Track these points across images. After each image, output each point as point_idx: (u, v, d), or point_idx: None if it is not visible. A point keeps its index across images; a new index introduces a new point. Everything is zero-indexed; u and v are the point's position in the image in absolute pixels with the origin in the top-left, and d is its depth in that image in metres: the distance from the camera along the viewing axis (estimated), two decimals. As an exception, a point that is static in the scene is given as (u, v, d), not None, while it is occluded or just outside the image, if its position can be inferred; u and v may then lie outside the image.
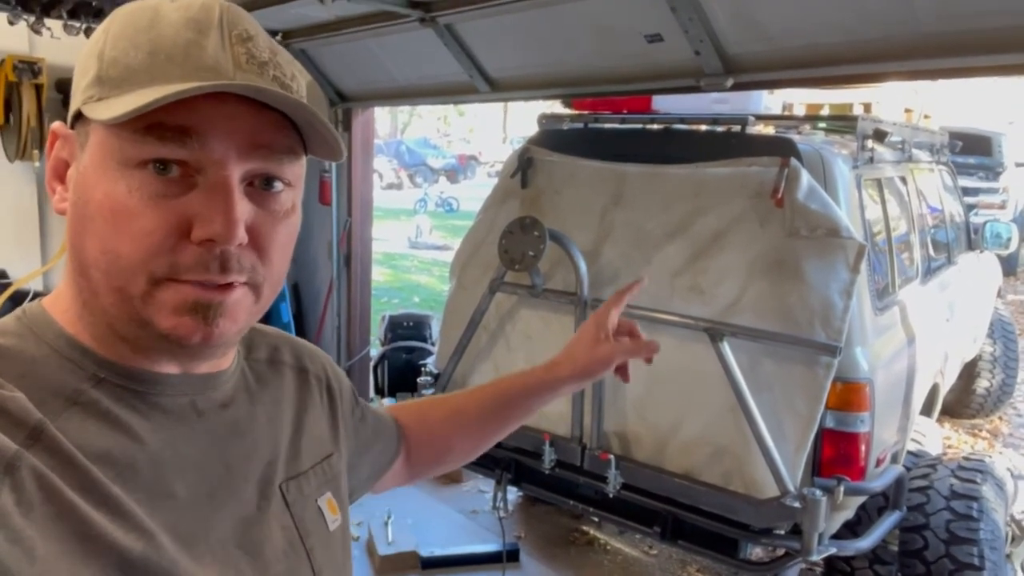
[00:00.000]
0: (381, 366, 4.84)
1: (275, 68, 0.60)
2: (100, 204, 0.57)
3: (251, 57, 0.58)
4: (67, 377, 0.59)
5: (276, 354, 0.80)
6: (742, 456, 2.25)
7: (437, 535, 3.49)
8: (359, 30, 3.29)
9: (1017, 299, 8.42)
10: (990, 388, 4.97)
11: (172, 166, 0.57)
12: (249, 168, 0.59)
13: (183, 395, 0.64)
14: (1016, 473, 2.84)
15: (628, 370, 1.07)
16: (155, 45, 0.57)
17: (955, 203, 4.20)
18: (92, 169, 0.58)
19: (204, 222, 0.57)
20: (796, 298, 2.20)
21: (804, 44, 2.15)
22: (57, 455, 0.54)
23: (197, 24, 0.58)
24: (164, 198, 0.57)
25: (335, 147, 0.63)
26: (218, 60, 0.57)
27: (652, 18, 2.35)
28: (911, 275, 3.06)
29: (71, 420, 0.57)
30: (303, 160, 0.64)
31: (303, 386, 0.80)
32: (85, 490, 0.54)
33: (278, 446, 0.72)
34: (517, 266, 2.50)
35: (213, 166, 0.57)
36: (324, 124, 0.60)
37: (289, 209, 0.63)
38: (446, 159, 23.71)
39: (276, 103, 0.58)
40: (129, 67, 0.57)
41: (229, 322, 0.60)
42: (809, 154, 2.39)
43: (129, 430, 0.60)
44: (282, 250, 0.63)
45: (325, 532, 0.74)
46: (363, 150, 4.31)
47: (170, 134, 0.56)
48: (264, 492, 0.69)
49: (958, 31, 1.83)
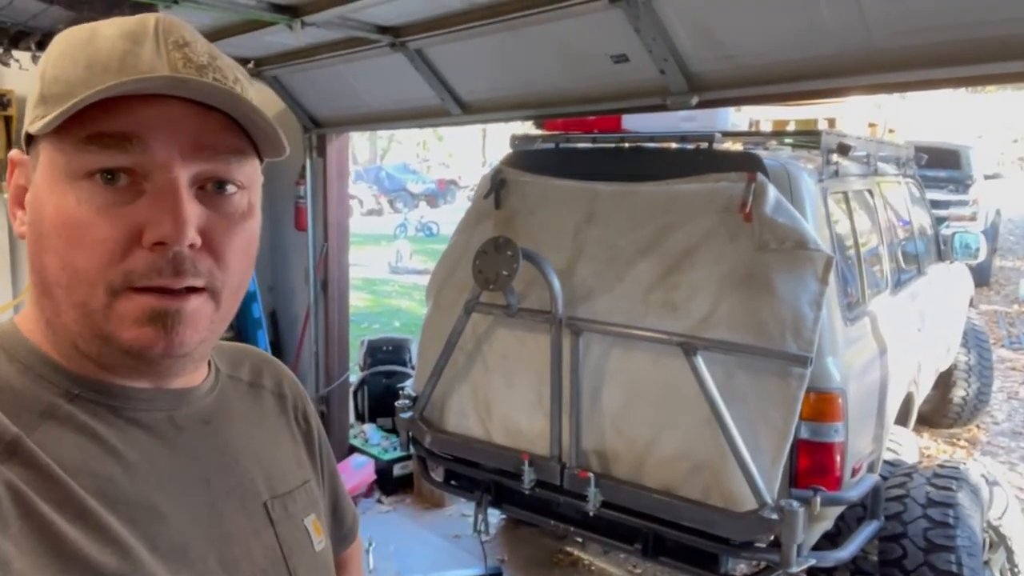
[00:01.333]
0: (361, 391, 4.80)
1: (215, 72, 0.60)
2: (53, 219, 0.58)
3: (188, 61, 0.59)
4: (41, 393, 0.59)
5: (258, 377, 0.80)
6: (720, 470, 2.26)
7: (419, 561, 3.45)
8: (330, 56, 3.31)
9: (991, 309, 8.55)
10: (966, 397, 5.03)
11: (119, 175, 0.57)
12: (196, 171, 0.60)
13: (159, 410, 0.64)
14: (991, 479, 2.86)
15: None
16: (92, 59, 0.58)
17: (924, 215, 4.28)
18: (43, 186, 0.59)
19: (154, 225, 0.57)
20: (767, 311, 2.23)
21: (764, 62, 2.20)
22: (33, 469, 0.54)
23: (132, 35, 0.59)
24: (114, 206, 0.57)
25: (277, 143, 0.64)
26: (154, 66, 0.58)
27: (617, 39, 2.40)
28: (881, 286, 3.11)
29: (47, 434, 0.57)
30: (255, 162, 0.65)
31: (282, 412, 0.81)
32: (62, 504, 0.54)
33: (261, 464, 0.72)
34: (492, 286, 2.51)
35: (158, 170, 0.58)
36: (262, 116, 0.60)
37: (245, 211, 0.63)
38: (426, 184, 23.78)
39: (205, 96, 0.59)
40: (68, 82, 0.58)
41: (190, 330, 0.60)
42: (775, 169, 2.43)
43: (106, 444, 0.60)
44: (240, 254, 0.63)
45: (311, 552, 0.73)
46: (338, 175, 4.31)
47: (111, 141, 0.56)
48: (247, 509, 0.68)
49: (910, 46, 1.88)
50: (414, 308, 9.69)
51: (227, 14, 2.75)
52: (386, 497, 4.17)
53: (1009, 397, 6.11)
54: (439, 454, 2.97)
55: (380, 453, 4.29)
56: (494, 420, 2.77)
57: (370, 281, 11.32)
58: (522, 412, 2.69)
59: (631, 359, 2.45)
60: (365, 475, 4.08)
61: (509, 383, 2.74)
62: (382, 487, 4.20)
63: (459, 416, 2.88)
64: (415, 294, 10.48)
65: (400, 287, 11.26)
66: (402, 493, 4.21)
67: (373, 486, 4.17)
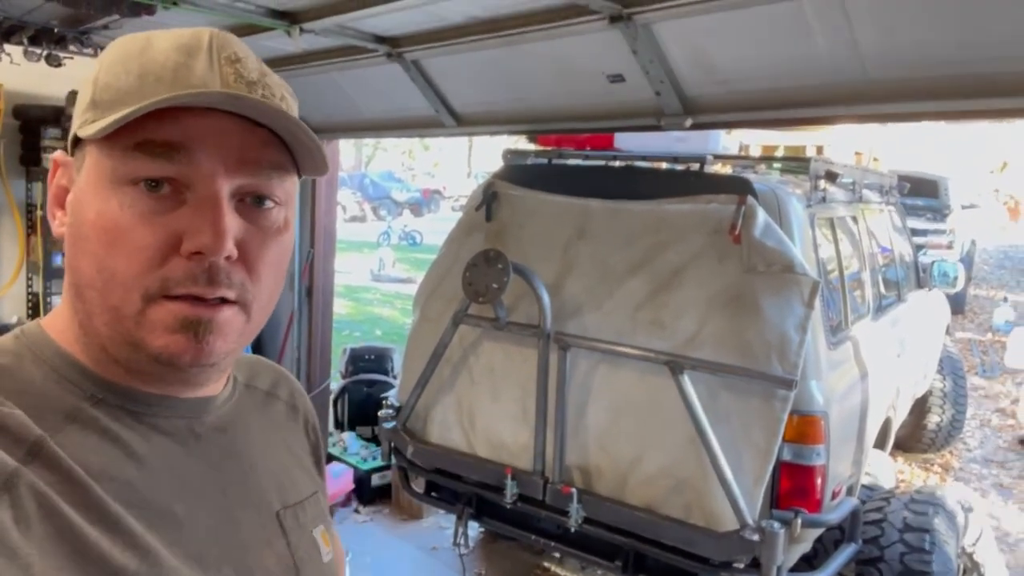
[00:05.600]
0: (341, 399, 4.77)
1: (264, 88, 0.62)
2: (93, 223, 0.59)
3: (239, 76, 0.61)
4: (66, 395, 0.60)
5: (275, 388, 0.81)
6: (702, 489, 2.27)
7: (396, 573, 3.43)
8: (326, 63, 3.31)
9: (965, 336, 8.69)
10: (940, 423, 5.10)
11: (163, 184, 0.58)
12: (238, 184, 0.60)
13: (180, 417, 0.65)
14: (966, 506, 2.91)
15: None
16: (145, 68, 0.59)
17: (904, 242, 4.35)
18: (87, 190, 0.60)
19: (193, 235, 0.58)
20: (753, 332, 2.25)
21: (758, 88, 2.23)
22: (56, 471, 0.54)
23: (187, 48, 0.60)
24: (155, 214, 0.58)
25: (320, 161, 0.65)
26: (205, 80, 0.59)
27: (614, 59, 2.42)
28: (863, 311, 3.15)
29: (70, 436, 0.57)
30: (294, 178, 0.66)
31: (294, 423, 0.82)
32: (84, 507, 0.54)
33: (273, 474, 0.73)
34: (481, 299, 2.51)
35: (202, 181, 0.59)
36: (307, 134, 0.62)
37: (281, 227, 0.64)
38: (410, 193, 23.76)
39: (255, 113, 0.60)
40: (120, 90, 0.59)
41: (220, 340, 0.61)
42: (765, 193, 2.46)
43: (128, 448, 0.60)
44: (273, 269, 0.64)
45: (320, 563, 0.74)
46: (327, 182, 4.31)
47: (158, 150, 0.57)
48: (261, 518, 0.69)
49: (902, 79, 1.92)
50: (396, 317, 9.66)
51: (225, 18, 2.74)
52: (363, 507, 4.14)
53: (982, 424, 6.21)
54: (421, 465, 2.96)
55: (359, 462, 4.26)
56: (478, 433, 2.77)
57: (352, 288, 11.26)
58: (506, 425, 2.69)
59: (617, 376, 2.46)
60: (343, 484, 4.05)
61: (494, 396, 2.74)
62: (360, 496, 4.17)
63: (443, 428, 2.87)
64: (397, 302, 10.45)
65: (382, 295, 11.22)
66: (380, 503, 4.18)
67: (351, 495, 4.14)
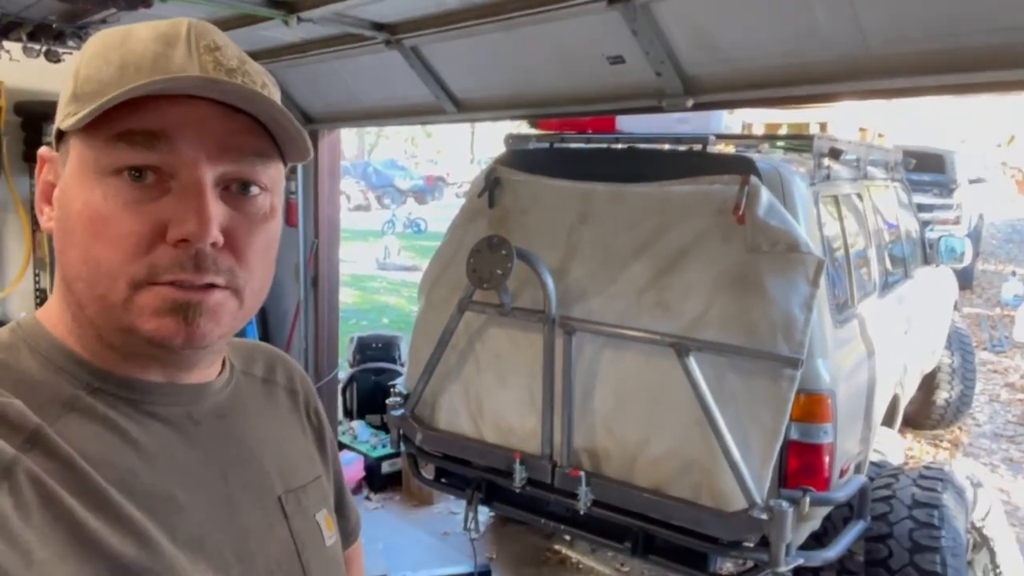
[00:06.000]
0: (350, 388, 4.80)
1: (243, 75, 0.62)
2: (79, 214, 0.59)
3: (218, 64, 0.61)
4: (63, 385, 0.61)
5: (271, 373, 0.81)
6: (710, 469, 2.28)
7: (408, 558, 3.45)
8: (325, 52, 3.29)
9: (973, 312, 8.66)
10: (949, 399, 5.09)
11: (147, 173, 0.59)
12: (221, 171, 0.61)
13: (177, 404, 0.66)
14: (975, 481, 2.91)
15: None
16: (124, 59, 0.59)
17: (910, 219, 4.32)
18: (72, 182, 0.60)
19: (178, 223, 0.58)
20: (759, 312, 2.25)
21: (760, 66, 2.21)
22: (55, 458, 0.55)
23: (165, 38, 0.60)
24: (139, 203, 0.59)
25: (302, 146, 0.65)
26: (184, 68, 0.59)
27: (614, 40, 2.40)
28: (869, 289, 3.14)
29: (68, 425, 0.58)
30: (279, 164, 0.66)
31: (294, 407, 0.82)
32: (83, 494, 0.55)
33: (274, 458, 0.73)
34: (485, 285, 2.51)
35: (185, 169, 0.59)
36: (289, 119, 0.62)
37: (267, 213, 0.65)
38: (414, 180, 23.70)
39: (235, 98, 0.60)
40: (101, 81, 0.59)
41: (211, 323, 0.61)
42: (768, 172, 2.45)
43: (126, 435, 0.61)
44: (261, 254, 0.64)
45: (322, 547, 0.74)
46: (329, 172, 4.30)
47: (139, 139, 0.58)
48: (262, 503, 0.69)
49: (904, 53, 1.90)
50: (402, 304, 9.67)
51: (221, 8, 2.73)
52: (374, 494, 4.17)
53: (991, 400, 6.20)
54: (430, 452, 2.98)
55: (369, 450, 4.29)
56: (486, 418, 2.78)
57: (358, 277, 11.28)
58: (514, 411, 2.70)
59: (623, 359, 2.46)
60: (353, 472, 4.08)
61: (501, 382, 2.74)
62: (370, 484, 4.20)
63: (451, 414, 2.88)
64: (403, 290, 10.47)
65: (388, 283, 11.23)
66: (390, 490, 4.21)
67: (361, 483, 4.17)
